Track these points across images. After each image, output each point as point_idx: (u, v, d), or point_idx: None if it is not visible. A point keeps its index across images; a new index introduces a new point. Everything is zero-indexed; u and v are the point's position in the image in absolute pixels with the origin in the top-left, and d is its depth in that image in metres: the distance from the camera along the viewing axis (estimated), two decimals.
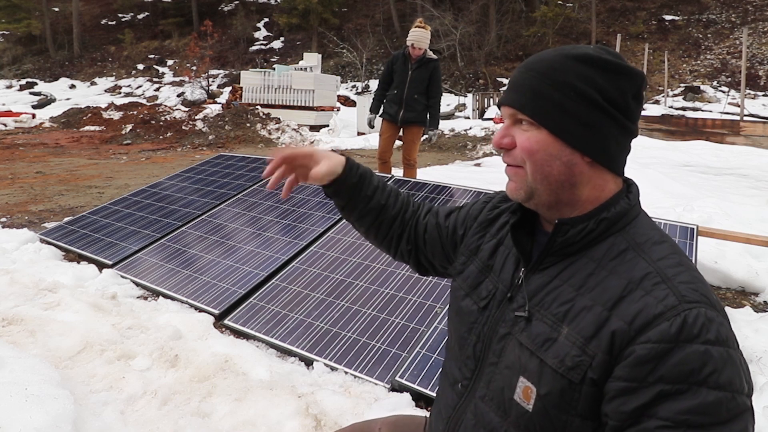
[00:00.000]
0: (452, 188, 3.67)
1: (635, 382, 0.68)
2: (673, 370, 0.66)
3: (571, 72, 0.77)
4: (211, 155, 5.97)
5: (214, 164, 4.69)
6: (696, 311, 0.68)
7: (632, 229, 0.80)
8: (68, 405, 1.73)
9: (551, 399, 0.75)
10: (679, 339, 0.67)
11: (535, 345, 0.78)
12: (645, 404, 0.67)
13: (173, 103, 23.70)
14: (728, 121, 12.70)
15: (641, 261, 0.75)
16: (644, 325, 0.69)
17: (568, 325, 0.76)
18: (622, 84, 0.77)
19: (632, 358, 0.68)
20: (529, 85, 0.79)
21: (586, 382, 0.72)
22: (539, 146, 0.78)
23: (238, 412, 1.89)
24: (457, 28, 24.76)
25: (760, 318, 2.73)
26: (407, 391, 2.05)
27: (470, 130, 12.11)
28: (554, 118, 0.77)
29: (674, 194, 5.48)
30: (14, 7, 30.49)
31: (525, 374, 0.79)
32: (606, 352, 0.71)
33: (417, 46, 4.82)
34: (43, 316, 2.46)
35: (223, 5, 35.30)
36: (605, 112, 0.77)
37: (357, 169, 1.08)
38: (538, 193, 0.81)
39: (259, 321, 2.56)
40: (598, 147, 0.78)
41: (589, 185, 0.80)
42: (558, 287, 0.80)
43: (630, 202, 0.81)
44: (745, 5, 24.60)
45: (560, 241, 0.80)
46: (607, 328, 0.72)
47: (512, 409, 0.80)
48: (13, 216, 4.72)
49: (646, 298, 0.71)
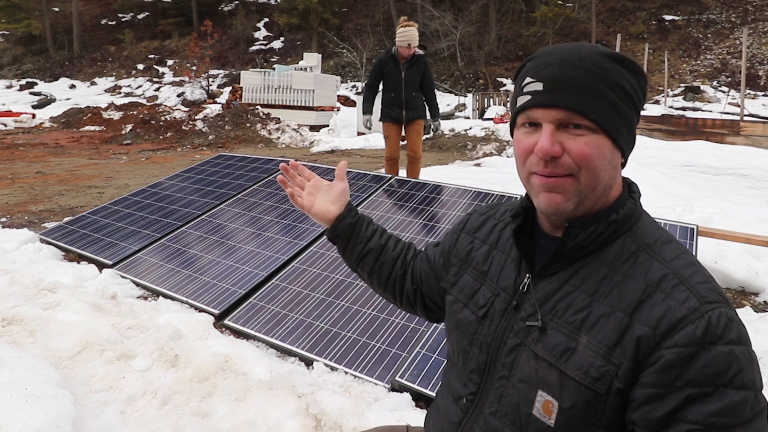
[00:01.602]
0: (452, 188, 3.67)
1: (663, 388, 0.67)
2: (701, 373, 0.65)
3: (615, 72, 0.75)
4: (211, 155, 5.98)
5: (214, 164, 4.69)
6: (717, 312, 0.68)
7: (639, 230, 0.78)
8: (68, 405, 1.73)
9: (575, 412, 0.72)
10: (705, 341, 0.66)
11: (554, 356, 0.75)
12: (673, 410, 0.66)
13: (173, 103, 23.70)
14: (728, 121, 12.69)
15: (655, 263, 0.74)
16: (669, 329, 0.68)
17: (587, 334, 0.73)
18: (643, 84, 0.79)
19: (660, 364, 0.67)
20: (586, 84, 0.73)
21: (612, 392, 0.70)
22: (599, 151, 0.74)
23: (238, 412, 1.89)
24: (457, 28, 24.76)
25: (760, 318, 2.73)
26: (407, 391, 2.05)
27: (470, 130, 12.10)
28: (614, 122, 0.74)
29: (674, 194, 5.48)
30: (14, 7, 30.50)
31: (544, 388, 0.75)
32: (632, 359, 0.69)
33: (413, 46, 4.80)
34: (43, 316, 2.46)
35: (223, 5, 35.30)
36: (638, 113, 0.79)
37: (355, 212, 1.12)
38: (585, 201, 0.76)
39: (259, 321, 2.56)
40: (631, 146, 0.80)
41: (616, 186, 0.80)
42: (570, 293, 0.77)
43: (635, 203, 0.80)
44: (745, 5, 24.60)
45: (570, 246, 0.77)
46: (630, 334, 0.70)
47: (530, 425, 0.76)
48: (13, 216, 4.72)
49: (668, 301, 0.70)
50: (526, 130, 0.78)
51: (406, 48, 4.81)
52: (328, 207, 1.11)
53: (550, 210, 0.77)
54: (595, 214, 0.78)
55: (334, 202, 1.11)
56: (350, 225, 1.10)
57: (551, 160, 0.74)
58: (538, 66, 0.76)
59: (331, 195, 1.12)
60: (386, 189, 3.76)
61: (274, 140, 11.55)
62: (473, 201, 3.46)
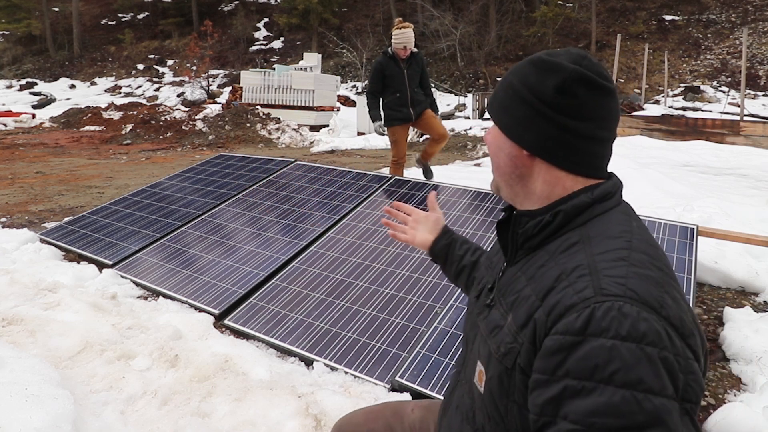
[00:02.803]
0: (452, 188, 3.67)
1: (546, 374, 0.68)
2: (578, 364, 0.64)
3: (516, 73, 0.85)
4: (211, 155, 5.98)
5: (214, 164, 4.69)
6: (609, 305, 0.65)
7: (592, 225, 0.79)
8: (68, 405, 1.73)
9: (494, 383, 0.79)
10: (587, 332, 0.65)
11: (487, 331, 0.84)
12: (553, 398, 0.66)
13: (173, 103, 23.70)
14: (728, 121, 12.68)
15: (581, 253, 0.75)
16: (557, 317, 0.69)
17: (512, 313, 0.79)
18: (546, 78, 0.80)
19: (543, 349, 0.69)
20: (498, 87, 0.90)
21: (517, 369, 0.74)
22: (492, 140, 0.89)
23: (238, 412, 1.89)
24: (457, 28, 24.75)
25: (760, 318, 2.73)
26: (407, 391, 2.05)
27: (470, 130, 12.11)
28: (499, 114, 0.87)
29: (674, 194, 5.48)
30: (14, 7, 30.48)
31: (481, 359, 0.84)
32: (530, 341, 0.72)
33: (409, 48, 4.77)
34: (43, 316, 2.46)
35: (223, 5, 35.29)
36: (533, 107, 0.81)
37: (450, 234, 1.29)
38: (500, 185, 0.91)
39: (259, 321, 2.56)
40: (532, 140, 0.82)
41: (539, 180, 0.84)
42: (518, 278, 0.83)
43: (592, 197, 0.80)
44: (745, 5, 24.60)
45: (521, 233, 0.85)
46: (534, 318, 0.73)
47: (473, 391, 0.87)
48: (13, 216, 4.72)
49: (567, 289, 0.70)
50: None
51: (402, 50, 4.79)
52: (427, 236, 1.28)
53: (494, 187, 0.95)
54: (544, 206, 0.84)
55: (432, 231, 1.29)
56: (444, 247, 1.26)
57: None
58: None
59: (429, 225, 1.29)
60: (386, 189, 3.76)
61: (274, 140, 11.55)
62: (473, 201, 3.46)
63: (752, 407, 1.91)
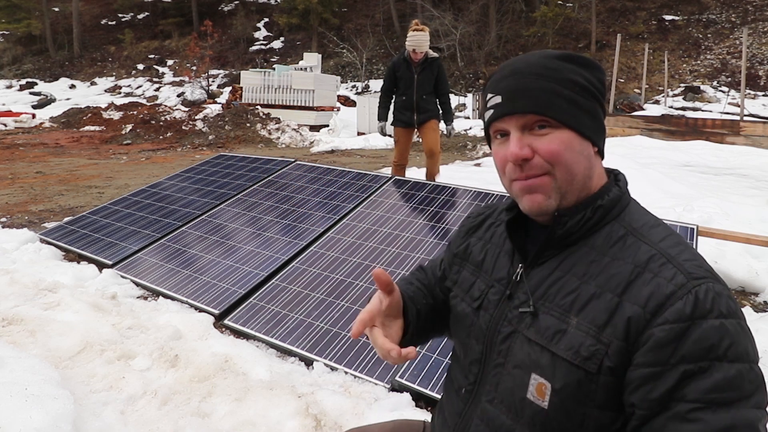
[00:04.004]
0: (452, 188, 3.67)
1: (658, 366, 0.68)
2: (694, 347, 0.66)
3: (564, 70, 0.79)
4: (211, 155, 5.98)
5: (214, 164, 4.69)
6: (705, 286, 0.69)
7: (627, 216, 0.81)
8: (68, 405, 1.73)
9: (568, 393, 0.74)
10: (695, 316, 0.67)
11: (546, 339, 0.77)
12: (672, 387, 0.67)
13: (173, 103, 23.70)
14: (728, 121, 12.69)
15: (643, 245, 0.76)
16: (658, 307, 0.69)
17: (577, 315, 0.75)
18: (599, 75, 0.83)
19: (652, 342, 0.68)
20: (538, 87, 0.78)
21: (603, 372, 0.71)
22: (566, 146, 0.78)
23: (238, 412, 1.89)
24: (457, 28, 24.76)
25: (760, 318, 2.73)
26: (407, 391, 2.05)
27: (470, 130, 12.12)
28: (573, 114, 0.78)
29: (674, 194, 5.48)
30: (14, 7, 30.49)
31: (537, 371, 0.77)
32: (622, 338, 0.71)
33: (419, 51, 4.74)
34: (43, 316, 2.46)
35: (223, 5, 35.30)
36: (598, 100, 0.82)
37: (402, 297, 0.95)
38: (566, 196, 0.80)
39: (259, 321, 2.56)
40: (601, 135, 0.83)
41: (596, 175, 0.83)
42: (561, 278, 0.79)
43: (621, 190, 0.83)
44: (745, 5, 24.60)
45: (560, 233, 0.80)
46: (620, 314, 0.72)
47: (525, 408, 0.78)
48: (13, 216, 4.72)
49: (656, 279, 0.71)
50: (499, 141, 0.83)
51: (413, 53, 4.76)
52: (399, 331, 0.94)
53: (534, 210, 0.81)
54: (582, 202, 0.81)
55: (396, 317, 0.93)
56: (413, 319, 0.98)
57: (524, 162, 0.79)
58: (495, 81, 0.83)
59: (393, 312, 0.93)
60: (386, 189, 3.76)
61: (274, 140, 11.55)
62: (473, 201, 3.46)
63: None
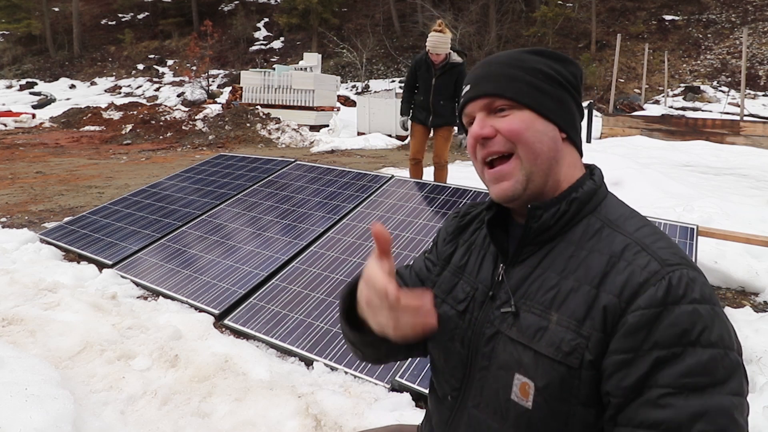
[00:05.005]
0: (452, 188, 3.67)
1: (631, 353, 0.68)
2: (666, 333, 0.66)
3: (532, 61, 0.83)
4: (211, 155, 5.98)
5: (214, 164, 4.69)
6: (678, 273, 0.70)
7: (604, 209, 0.82)
8: (68, 405, 1.73)
9: (551, 391, 0.73)
10: (667, 302, 0.67)
11: (527, 337, 0.76)
12: (645, 374, 0.67)
13: (173, 103, 23.69)
14: (728, 121, 12.69)
15: (619, 235, 0.77)
16: (632, 294, 0.70)
17: (557, 311, 0.75)
18: (572, 69, 0.85)
19: (625, 328, 0.69)
20: (501, 73, 0.82)
21: (585, 366, 0.71)
22: (526, 124, 0.80)
23: (238, 412, 1.89)
24: (457, 28, 24.75)
25: (760, 318, 2.73)
26: (407, 391, 2.05)
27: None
28: (533, 96, 0.81)
29: (674, 194, 5.48)
30: (14, 7, 30.47)
31: (520, 370, 0.76)
32: (600, 329, 0.71)
33: (434, 52, 4.66)
34: (43, 316, 2.46)
35: (223, 5, 35.29)
36: (567, 90, 0.84)
37: None
38: (533, 177, 0.80)
39: (259, 321, 2.56)
40: (569, 122, 0.84)
41: (565, 164, 0.83)
42: (541, 275, 0.79)
43: (596, 183, 0.83)
44: (745, 5, 24.60)
45: (536, 228, 0.80)
46: (597, 305, 0.72)
47: (510, 410, 0.77)
48: (13, 216, 4.72)
49: (630, 267, 0.72)
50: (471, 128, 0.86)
51: (432, 54, 4.69)
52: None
53: (502, 196, 0.82)
54: (557, 196, 0.81)
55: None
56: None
57: (485, 141, 0.82)
58: (469, 74, 0.88)
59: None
60: (386, 189, 3.76)
61: (274, 140, 11.55)
62: (473, 201, 3.46)
63: (752, 407, 1.91)
